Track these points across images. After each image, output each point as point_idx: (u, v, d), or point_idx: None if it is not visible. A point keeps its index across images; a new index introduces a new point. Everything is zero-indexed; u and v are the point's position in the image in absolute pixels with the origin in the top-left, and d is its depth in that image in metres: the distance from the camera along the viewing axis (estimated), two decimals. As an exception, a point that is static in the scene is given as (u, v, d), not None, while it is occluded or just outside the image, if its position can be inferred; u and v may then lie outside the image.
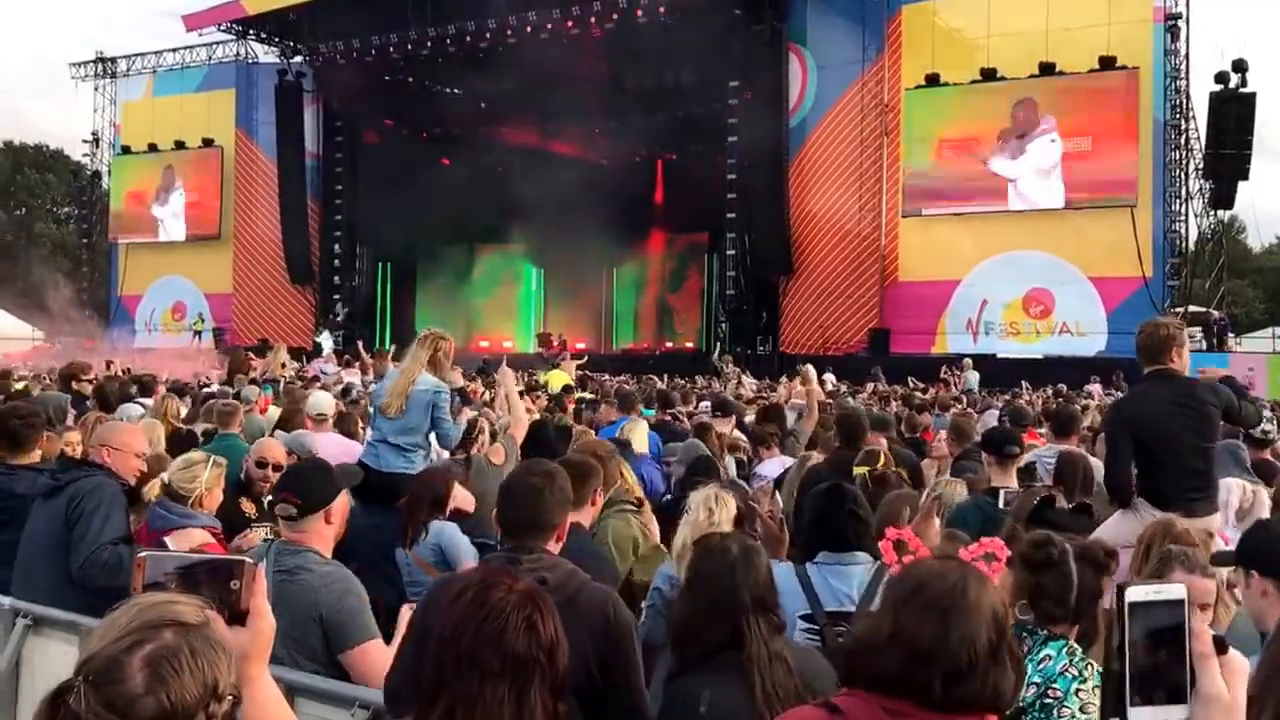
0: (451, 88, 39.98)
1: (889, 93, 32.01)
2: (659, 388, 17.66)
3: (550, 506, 3.69)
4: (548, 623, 2.47)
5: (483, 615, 2.43)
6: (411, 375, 7.13)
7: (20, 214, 68.19)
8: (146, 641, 1.69)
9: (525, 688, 2.39)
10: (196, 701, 1.67)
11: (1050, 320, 30.26)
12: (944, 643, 2.25)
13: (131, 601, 1.80)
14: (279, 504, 4.31)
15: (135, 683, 1.64)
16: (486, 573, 2.73)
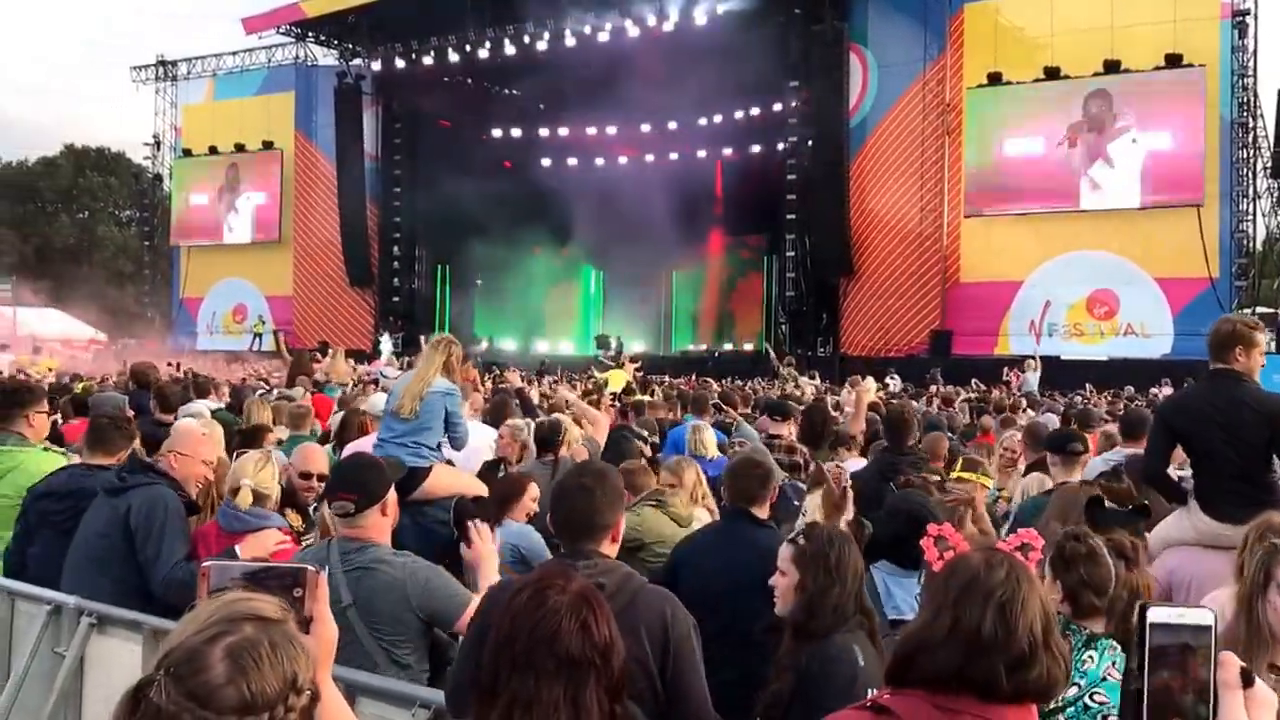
0: (510, 89, 40.16)
1: (950, 92, 31.74)
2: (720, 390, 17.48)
3: (601, 507, 3.65)
4: (602, 624, 2.49)
5: (537, 617, 2.46)
6: (425, 378, 7.11)
7: (83, 217, 69.28)
8: (227, 634, 1.69)
9: (580, 688, 2.41)
10: (277, 694, 1.66)
11: (1115, 321, 29.87)
12: (1008, 633, 2.28)
13: (211, 598, 1.82)
14: (335, 503, 4.33)
15: (216, 673, 1.64)
16: (542, 574, 2.74)
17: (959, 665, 2.27)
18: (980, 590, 2.35)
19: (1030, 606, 2.33)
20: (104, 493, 5.30)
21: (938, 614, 2.37)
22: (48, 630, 5.17)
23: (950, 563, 2.55)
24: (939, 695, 2.27)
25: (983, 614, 2.30)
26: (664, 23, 33.56)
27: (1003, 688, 2.25)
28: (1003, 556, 2.47)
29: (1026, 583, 2.37)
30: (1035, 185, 30.41)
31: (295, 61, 43.68)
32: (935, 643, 2.32)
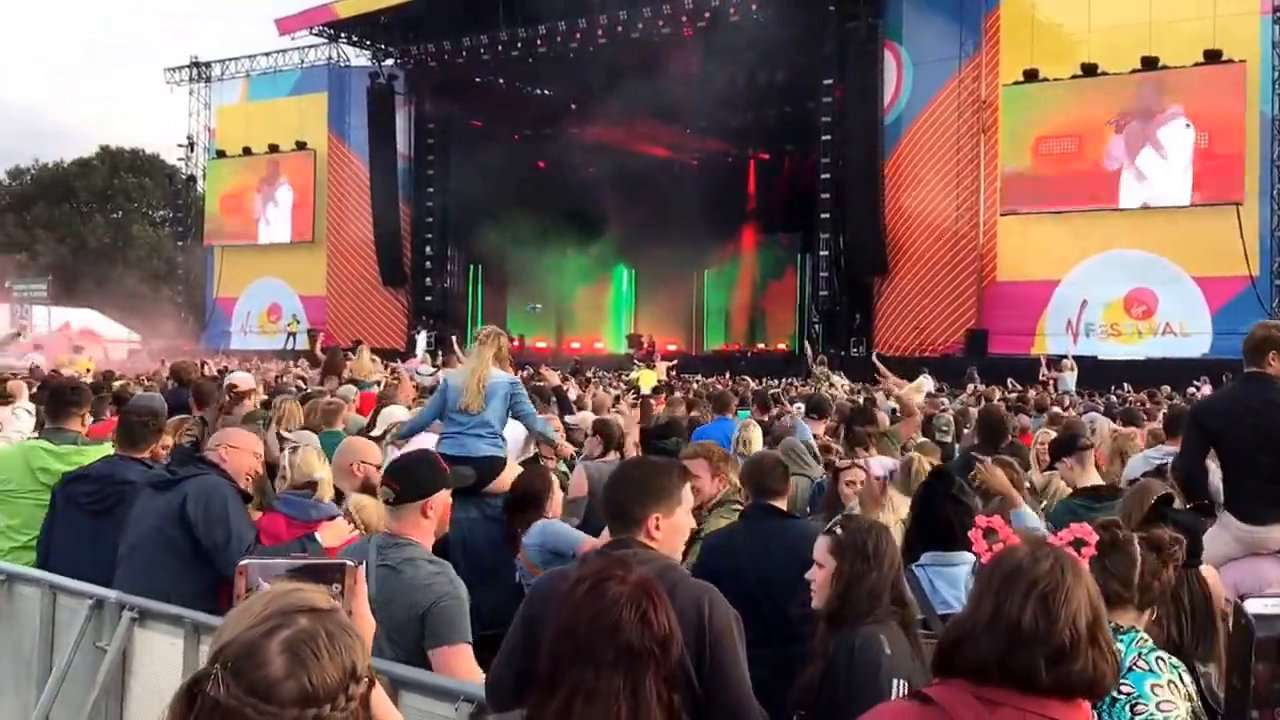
0: (542, 89, 40.22)
1: (986, 89, 31.53)
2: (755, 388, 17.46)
3: (632, 499, 3.61)
4: (661, 614, 2.53)
5: (597, 608, 2.49)
6: (481, 373, 7.32)
7: (117, 218, 69.80)
8: (284, 627, 1.69)
9: (640, 679, 2.44)
10: (337, 685, 1.67)
11: (1152, 321, 29.61)
12: (1049, 624, 2.30)
13: (261, 591, 1.82)
14: (381, 489, 4.42)
15: (276, 666, 1.64)
16: (601, 565, 2.75)
17: (1000, 655, 2.29)
18: (1023, 581, 2.36)
19: (1074, 599, 2.33)
20: (151, 488, 5.28)
21: (980, 603, 2.40)
22: (89, 624, 5.16)
23: (997, 554, 2.56)
24: (982, 686, 2.29)
25: (1024, 605, 2.33)
26: (697, 21, 33.46)
27: (1042, 680, 2.27)
28: (1050, 549, 2.48)
29: (1073, 576, 2.38)
30: (1072, 183, 30.18)
31: (328, 62, 43.86)
32: (977, 632, 2.34)
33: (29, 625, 5.58)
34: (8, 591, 5.73)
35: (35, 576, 5.63)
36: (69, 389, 6.64)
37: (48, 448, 6.19)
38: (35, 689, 5.41)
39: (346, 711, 1.68)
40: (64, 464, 6.08)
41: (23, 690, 5.59)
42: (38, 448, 6.24)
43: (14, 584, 5.72)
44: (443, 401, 7.49)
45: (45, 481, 6.06)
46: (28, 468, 6.11)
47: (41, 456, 6.14)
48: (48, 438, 6.35)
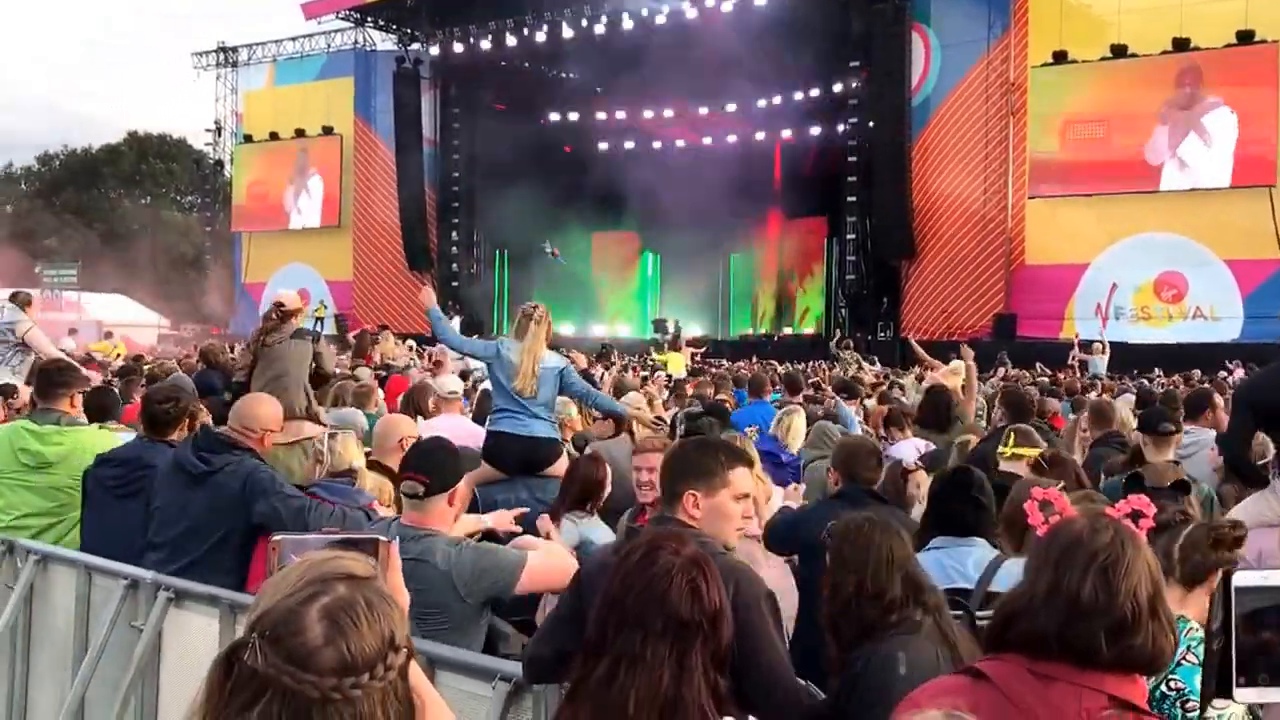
0: (568, 72, 40.12)
1: (1015, 71, 31.35)
2: (787, 370, 17.40)
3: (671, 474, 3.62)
4: (712, 589, 2.52)
5: (649, 576, 2.50)
6: (536, 354, 7.22)
7: (145, 203, 70.13)
8: (322, 594, 1.67)
9: (686, 650, 2.44)
10: (376, 653, 1.65)
11: (1183, 304, 29.42)
12: (1109, 597, 2.27)
13: (298, 560, 1.79)
14: (405, 483, 4.30)
15: (314, 634, 1.62)
16: (655, 536, 2.77)
17: (1059, 629, 2.26)
18: (1083, 553, 2.33)
19: (1135, 572, 2.30)
20: (189, 475, 5.26)
21: (1037, 576, 2.37)
22: (125, 604, 5.19)
23: (1054, 526, 2.52)
24: (1037, 660, 2.26)
25: (1084, 577, 2.29)
26: (722, 3, 33.36)
27: (1102, 654, 2.23)
28: (1109, 521, 2.45)
29: (1133, 548, 2.35)
30: (1102, 166, 29.97)
31: (354, 46, 43.88)
32: (1035, 606, 2.31)
33: (64, 605, 5.62)
34: (43, 572, 5.77)
35: (71, 557, 5.68)
36: (56, 369, 6.66)
37: (30, 428, 6.22)
38: (71, 669, 5.45)
39: (384, 681, 1.65)
40: (43, 444, 6.13)
41: (59, 670, 5.63)
42: (20, 428, 6.27)
43: (49, 564, 5.76)
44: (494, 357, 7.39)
45: (25, 462, 6.11)
46: (11, 448, 6.14)
47: (24, 437, 6.17)
48: (32, 418, 6.37)
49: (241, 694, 1.61)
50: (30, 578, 5.75)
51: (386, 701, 1.66)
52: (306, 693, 1.59)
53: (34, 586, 5.78)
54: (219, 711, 1.62)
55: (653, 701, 2.39)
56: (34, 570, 5.75)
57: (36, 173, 73.39)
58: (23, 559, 5.83)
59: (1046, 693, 2.23)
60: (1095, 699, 2.22)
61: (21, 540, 5.92)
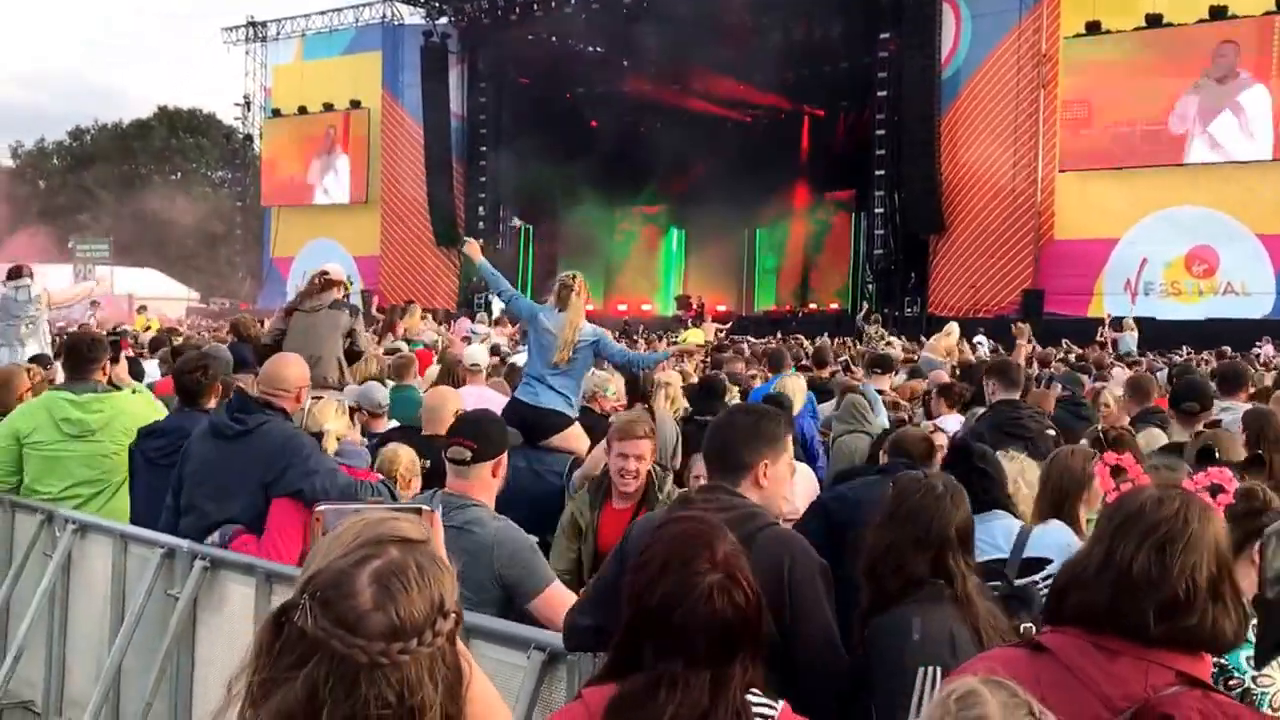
0: (595, 46, 39.96)
1: (1047, 42, 31.03)
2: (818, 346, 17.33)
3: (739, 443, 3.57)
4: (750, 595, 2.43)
5: (687, 598, 2.38)
6: (576, 324, 7.19)
7: (175, 178, 70.36)
8: (374, 557, 1.66)
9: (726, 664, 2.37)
10: (425, 618, 1.64)
11: (1214, 280, 29.16)
12: (1161, 573, 2.19)
13: (353, 520, 1.78)
14: (452, 449, 4.34)
15: (364, 598, 1.61)
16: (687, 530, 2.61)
17: (1108, 602, 2.20)
18: (1140, 526, 2.24)
19: (1196, 549, 2.20)
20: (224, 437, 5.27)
21: (1094, 546, 2.31)
22: (160, 573, 5.24)
23: (1122, 495, 2.44)
24: (1097, 634, 2.20)
25: (1137, 551, 2.21)
26: (751, -25, 33.08)
27: (1150, 631, 2.16)
28: (1178, 493, 2.33)
29: (1199, 524, 2.24)
30: (1134, 139, 29.69)
31: (382, 21, 43.91)
32: (1087, 577, 2.24)
33: (102, 574, 5.67)
34: (81, 541, 5.82)
35: (108, 526, 5.73)
36: (86, 345, 6.65)
37: (68, 397, 6.25)
38: (108, 637, 5.51)
39: (433, 647, 1.64)
40: (84, 412, 6.17)
41: (96, 638, 5.68)
42: (58, 398, 6.30)
43: (87, 533, 5.82)
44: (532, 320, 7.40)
45: (68, 431, 6.15)
46: (51, 419, 6.19)
47: (63, 406, 6.20)
48: (68, 388, 6.40)
49: (290, 654, 1.61)
50: (68, 546, 5.80)
51: (435, 668, 1.66)
52: (355, 657, 1.59)
53: (71, 555, 5.84)
54: (267, 671, 1.62)
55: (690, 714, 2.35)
56: (72, 539, 5.80)
57: (68, 148, 73.74)
58: (61, 528, 5.88)
59: (1111, 666, 2.17)
60: (1162, 675, 2.15)
61: (61, 510, 5.97)
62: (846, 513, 4.51)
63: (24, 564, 6.14)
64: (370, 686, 1.59)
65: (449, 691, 1.69)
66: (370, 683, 1.59)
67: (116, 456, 6.17)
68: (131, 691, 5.28)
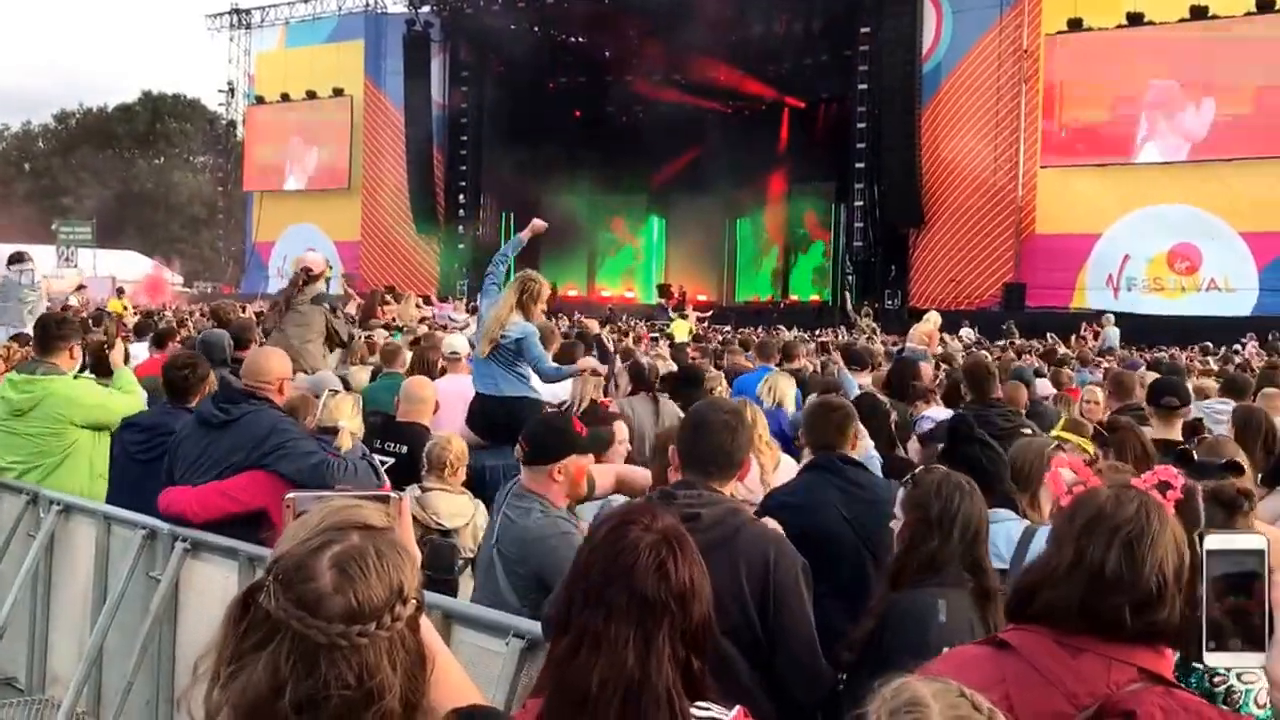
0: (577, 36, 39.91)
1: (1029, 38, 31.14)
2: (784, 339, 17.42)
3: (741, 445, 3.64)
4: (682, 567, 2.35)
5: (614, 551, 2.35)
6: (501, 318, 7.37)
7: (159, 163, 70.20)
8: (335, 543, 1.72)
9: (652, 631, 2.28)
10: (384, 602, 1.69)
11: (1197, 276, 29.27)
12: (1133, 570, 2.23)
13: (320, 506, 1.83)
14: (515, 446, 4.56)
15: (324, 581, 1.67)
16: (630, 508, 2.64)
17: (1081, 601, 2.23)
18: (1107, 525, 2.29)
19: (1161, 544, 2.25)
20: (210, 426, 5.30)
21: (1060, 548, 2.33)
22: (143, 555, 5.31)
23: (1078, 497, 2.46)
24: (1063, 632, 2.23)
25: (1107, 550, 2.25)
26: (733, -33, 33.04)
27: (1127, 627, 2.20)
28: (1135, 493, 2.38)
29: (1159, 520, 2.30)
30: (1115, 136, 29.83)
31: (365, 9, 43.82)
32: (1057, 578, 2.27)
33: (85, 555, 5.73)
34: (65, 522, 5.88)
35: (91, 508, 5.79)
36: (54, 323, 6.74)
37: (12, 377, 6.39)
38: (90, 617, 5.57)
39: (392, 631, 1.69)
40: (17, 392, 6.25)
41: (79, 618, 5.75)
42: (8, 378, 6.46)
43: (71, 514, 5.87)
44: None
45: (4, 410, 6.26)
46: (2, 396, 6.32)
47: (5, 386, 6.35)
48: (20, 368, 6.53)
49: (254, 635, 1.67)
50: (52, 527, 5.86)
51: (394, 651, 1.70)
52: (314, 638, 1.63)
53: (55, 536, 5.89)
54: (232, 650, 1.67)
55: (616, 682, 2.25)
56: (56, 520, 5.86)
57: (54, 131, 73.55)
58: (45, 509, 5.94)
59: (1075, 664, 2.20)
60: (1124, 671, 2.19)
61: (46, 490, 6.03)
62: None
63: (8, 544, 6.18)
64: (330, 667, 1.64)
65: (409, 675, 1.73)
66: (330, 664, 1.64)
67: (47, 438, 6.24)
68: (114, 671, 5.34)
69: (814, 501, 4.43)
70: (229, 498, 5.07)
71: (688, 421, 3.86)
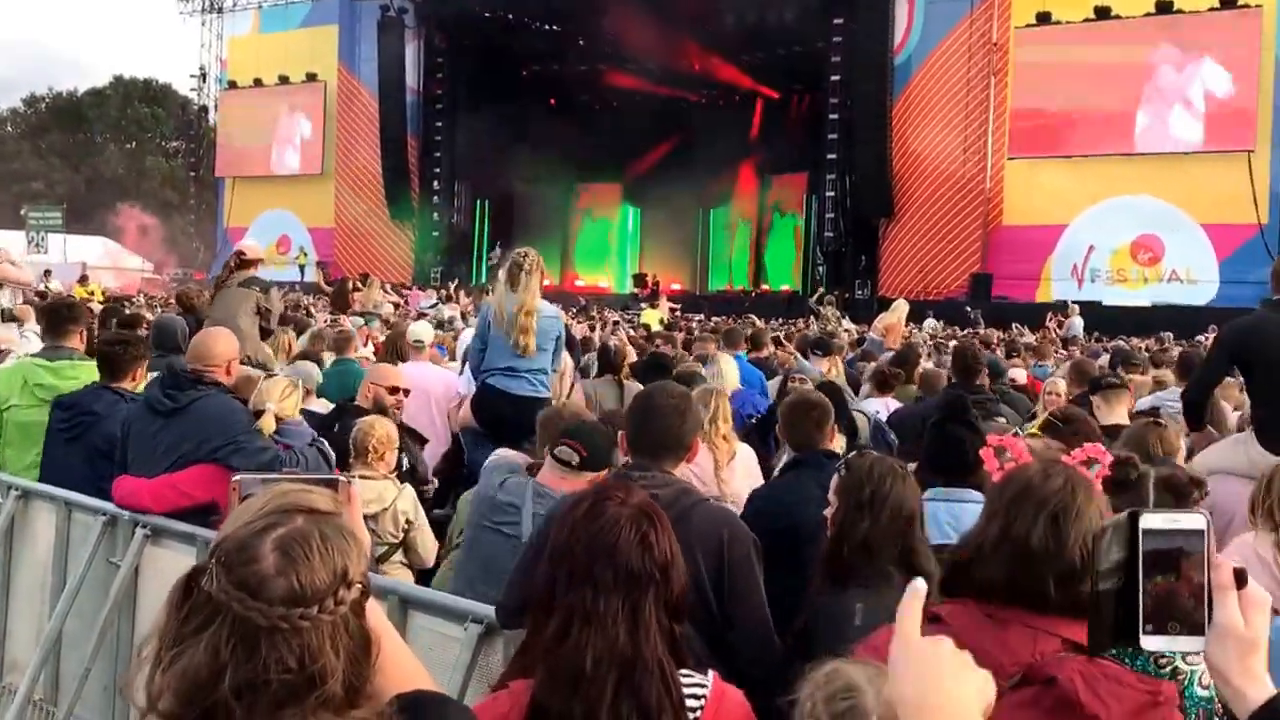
0: (552, 25, 39.84)
1: (998, 31, 31.28)
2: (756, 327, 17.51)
3: (689, 429, 3.68)
4: (662, 539, 2.45)
5: (596, 528, 2.42)
6: (533, 307, 6.87)
7: (130, 148, 69.63)
8: (279, 525, 1.70)
9: (640, 603, 2.37)
10: (327, 586, 1.67)
11: (1159, 268, 29.53)
12: (1058, 543, 2.27)
13: (267, 489, 1.83)
14: (561, 448, 4.36)
15: (267, 564, 1.65)
16: (602, 486, 2.72)
17: (1008, 575, 2.28)
18: (1033, 499, 2.34)
19: (1086, 518, 2.31)
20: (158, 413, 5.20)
21: (989, 523, 2.38)
22: (103, 540, 5.26)
23: (1007, 473, 2.53)
24: (990, 605, 2.27)
25: (1033, 523, 2.30)
26: (708, -44, 33.06)
27: (1052, 600, 2.26)
28: (1062, 468, 2.45)
29: (1084, 495, 2.36)
30: (1083, 128, 30.02)
31: (340, -7, 43.59)
32: (985, 552, 2.31)
33: (44, 540, 5.69)
34: (24, 508, 5.84)
35: (50, 493, 5.73)
36: (65, 307, 6.69)
37: (44, 364, 6.28)
38: (50, 602, 5.52)
39: (335, 615, 1.67)
40: (59, 379, 6.17)
41: (38, 603, 5.70)
42: (35, 365, 6.32)
43: (30, 500, 5.83)
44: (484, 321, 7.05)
45: (43, 397, 6.12)
46: (26, 385, 6.19)
47: (38, 373, 6.23)
48: (45, 355, 6.43)
49: (196, 617, 1.65)
50: (11, 512, 5.82)
51: (337, 635, 1.69)
52: (255, 620, 1.62)
53: (14, 521, 5.86)
54: (175, 633, 1.66)
55: (611, 659, 2.32)
56: (15, 505, 5.83)
57: (22, 115, 72.78)
58: (4, 494, 5.89)
59: (1002, 635, 2.23)
60: (1050, 642, 2.24)
61: (3, 475, 5.99)
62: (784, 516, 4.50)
63: (-35, 530, 6.10)
64: (271, 650, 1.63)
65: (352, 659, 1.72)
66: (271, 646, 1.63)
67: None
68: (72, 657, 5.30)
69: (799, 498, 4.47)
70: (181, 492, 5.03)
71: (635, 406, 3.89)
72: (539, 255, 7.16)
